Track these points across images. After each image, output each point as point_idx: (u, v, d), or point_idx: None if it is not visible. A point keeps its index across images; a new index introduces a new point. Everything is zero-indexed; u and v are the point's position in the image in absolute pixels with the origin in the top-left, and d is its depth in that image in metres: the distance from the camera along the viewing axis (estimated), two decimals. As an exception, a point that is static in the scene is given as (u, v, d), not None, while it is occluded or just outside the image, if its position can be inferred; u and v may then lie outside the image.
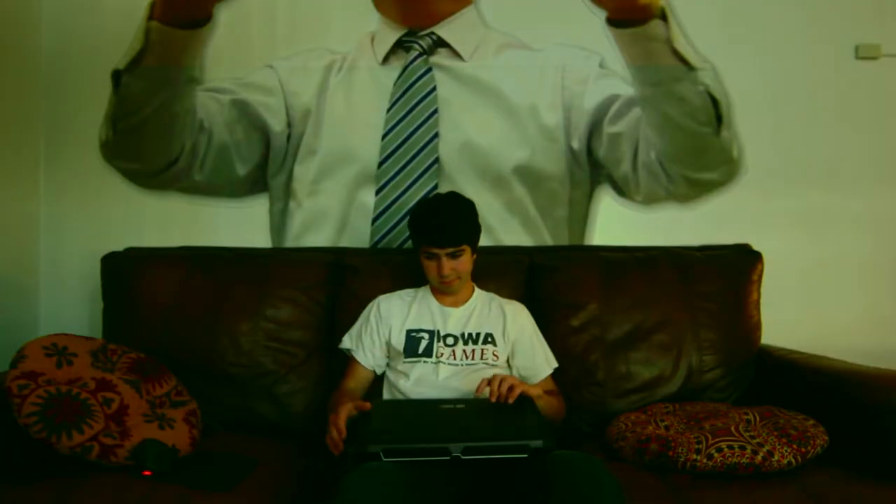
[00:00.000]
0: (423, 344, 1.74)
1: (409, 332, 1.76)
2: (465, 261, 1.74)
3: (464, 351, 1.74)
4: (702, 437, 1.50)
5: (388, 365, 1.79)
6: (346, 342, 1.82)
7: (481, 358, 1.73)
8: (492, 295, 1.86)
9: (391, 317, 1.79)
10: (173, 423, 1.60)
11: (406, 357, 1.73)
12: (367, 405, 1.52)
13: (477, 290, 1.85)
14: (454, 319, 1.78)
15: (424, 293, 1.84)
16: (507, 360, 1.78)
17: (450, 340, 1.75)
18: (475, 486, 1.42)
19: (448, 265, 1.71)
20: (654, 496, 1.41)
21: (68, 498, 1.34)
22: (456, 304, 1.81)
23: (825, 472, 1.47)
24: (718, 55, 2.18)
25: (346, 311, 1.91)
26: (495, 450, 1.38)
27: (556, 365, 1.80)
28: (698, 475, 1.46)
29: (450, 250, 1.70)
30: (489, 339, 1.76)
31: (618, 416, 1.74)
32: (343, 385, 1.76)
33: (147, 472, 1.44)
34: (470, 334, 1.76)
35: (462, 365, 1.72)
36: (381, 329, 1.78)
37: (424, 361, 1.72)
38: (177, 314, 1.89)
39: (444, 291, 1.78)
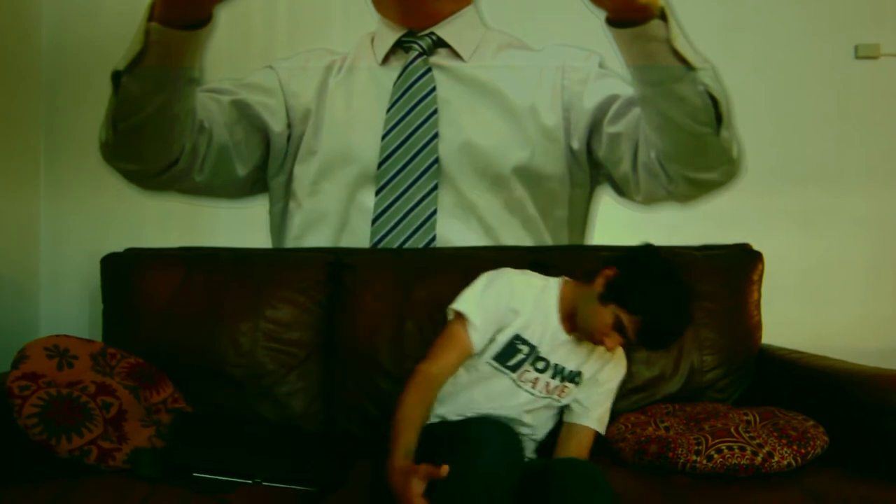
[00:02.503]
0: (518, 358, 1.57)
1: (516, 336, 1.57)
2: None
3: (546, 384, 1.58)
4: (701, 439, 1.50)
5: None
6: (467, 306, 1.55)
7: (557, 395, 1.60)
8: None
9: (516, 306, 1.57)
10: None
11: (493, 360, 1.57)
12: (441, 471, 1.26)
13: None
14: (561, 347, 1.59)
15: (550, 297, 1.61)
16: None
17: (540, 365, 1.58)
18: None
19: (623, 344, 1.51)
20: (653, 499, 1.41)
21: (68, 499, 1.34)
22: (570, 330, 1.60)
23: (825, 472, 1.47)
24: (718, 55, 2.18)
25: (346, 311, 1.91)
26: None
27: (602, 431, 1.64)
28: (697, 477, 1.46)
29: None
30: (575, 379, 1.61)
31: (618, 417, 1.73)
32: (437, 360, 1.53)
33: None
34: (562, 368, 1.59)
35: (537, 396, 1.58)
36: (503, 312, 1.56)
37: (508, 376, 1.57)
38: (177, 315, 1.88)
39: (591, 341, 1.56)
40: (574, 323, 1.57)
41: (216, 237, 2.19)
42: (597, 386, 1.63)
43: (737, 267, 2.00)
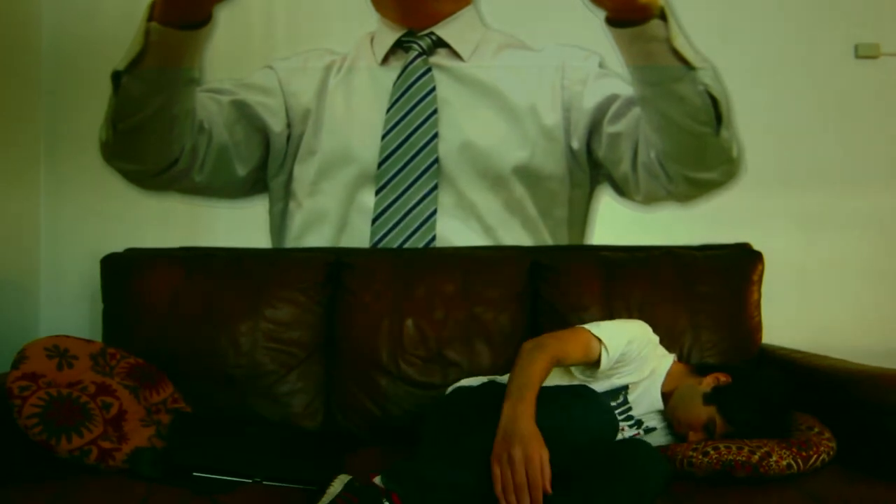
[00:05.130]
0: (614, 403, 1.59)
1: (625, 387, 1.61)
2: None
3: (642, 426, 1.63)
4: None
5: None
6: (599, 331, 1.56)
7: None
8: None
9: (641, 365, 1.61)
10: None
11: (604, 395, 1.56)
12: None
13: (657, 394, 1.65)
14: (648, 415, 1.63)
15: (662, 369, 1.65)
16: None
17: (630, 422, 1.61)
18: None
19: (702, 440, 1.52)
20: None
21: (68, 499, 1.34)
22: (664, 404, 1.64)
23: (825, 472, 1.46)
24: (718, 55, 2.18)
25: (346, 310, 1.91)
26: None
27: None
28: (699, 481, 1.44)
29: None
30: (648, 431, 1.63)
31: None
32: (565, 350, 1.52)
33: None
34: (642, 422, 1.63)
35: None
36: (634, 359, 1.59)
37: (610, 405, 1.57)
38: (177, 315, 1.88)
39: (677, 434, 1.60)
40: (667, 400, 1.61)
41: (216, 237, 2.19)
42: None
43: (737, 267, 2.00)
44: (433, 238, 2.17)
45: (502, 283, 1.94)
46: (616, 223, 2.22)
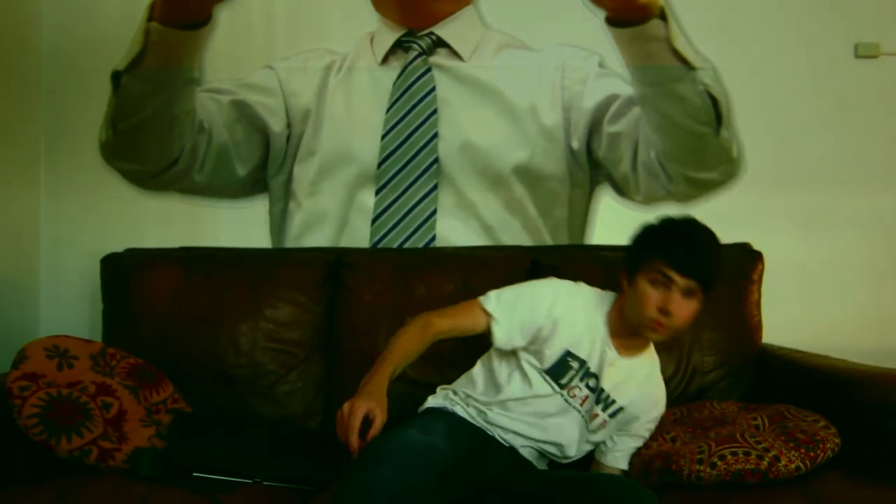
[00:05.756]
0: (569, 375, 1.50)
1: (567, 352, 1.51)
2: (692, 309, 1.47)
3: (591, 409, 1.52)
4: (704, 447, 1.46)
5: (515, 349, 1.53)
6: (493, 304, 1.52)
7: (589, 419, 1.53)
8: (656, 363, 1.62)
9: (564, 320, 1.51)
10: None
11: (547, 372, 1.51)
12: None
13: (651, 351, 1.59)
14: (611, 370, 1.52)
15: (600, 313, 1.55)
16: None
17: (591, 382, 1.52)
18: (512, 471, 1.47)
19: (678, 304, 1.43)
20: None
21: (68, 499, 1.34)
22: (624, 353, 1.54)
23: (828, 474, 1.45)
24: (718, 55, 2.18)
25: (346, 310, 1.91)
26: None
27: (626, 468, 1.57)
28: (701, 489, 1.43)
29: (692, 284, 1.43)
30: (615, 413, 1.54)
31: None
32: (435, 314, 1.52)
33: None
34: (607, 396, 1.52)
35: (582, 416, 1.52)
36: (543, 323, 1.50)
37: (555, 392, 1.51)
38: (177, 315, 1.88)
39: (645, 335, 1.50)
40: (625, 341, 1.53)
41: (216, 237, 2.19)
42: (634, 421, 1.58)
43: (737, 267, 2.00)
44: (433, 238, 2.17)
45: (502, 283, 1.92)
46: (616, 223, 2.21)
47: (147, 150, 2.20)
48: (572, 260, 2.00)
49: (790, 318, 2.08)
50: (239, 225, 2.23)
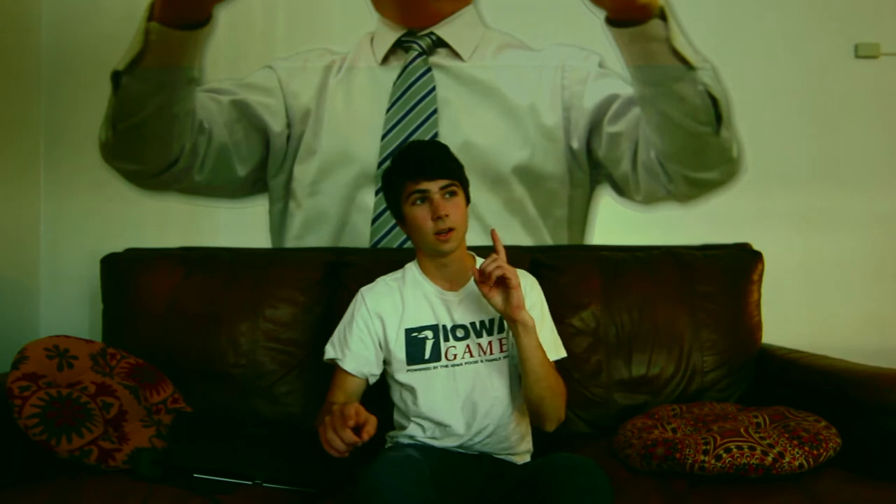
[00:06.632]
0: (429, 345, 1.51)
1: (408, 331, 1.53)
2: (460, 205, 1.50)
3: (479, 345, 1.52)
4: (710, 438, 1.46)
5: (386, 373, 1.57)
6: (330, 352, 1.57)
7: (499, 351, 1.52)
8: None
9: (382, 312, 1.54)
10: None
11: (409, 365, 1.51)
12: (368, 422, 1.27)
13: (478, 261, 1.54)
14: (460, 306, 1.54)
15: (413, 275, 1.58)
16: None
17: (459, 333, 1.53)
18: (489, 481, 1.45)
19: (444, 205, 1.46)
20: (651, 501, 1.40)
21: (68, 499, 1.34)
22: (456, 286, 1.56)
23: (826, 473, 1.46)
24: (718, 54, 2.18)
25: (346, 311, 1.91)
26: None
27: (564, 354, 1.59)
28: (699, 480, 1.44)
29: (443, 183, 1.48)
30: (500, 326, 1.53)
31: (623, 424, 1.69)
32: (329, 400, 1.52)
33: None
34: (482, 322, 1.53)
35: (482, 362, 1.52)
36: (372, 328, 1.54)
37: (434, 367, 1.51)
38: (176, 315, 1.89)
39: (440, 251, 1.50)
40: (447, 276, 1.56)
41: (216, 237, 2.19)
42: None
43: (737, 267, 2.00)
44: (433, 238, 2.17)
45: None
46: (616, 223, 2.22)
47: (147, 149, 2.20)
48: (572, 260, 2.00)
49: (790, 318, 2.08)
50: (239, 225, 2.23)
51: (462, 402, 1.50)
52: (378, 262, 2.00)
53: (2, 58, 2.10)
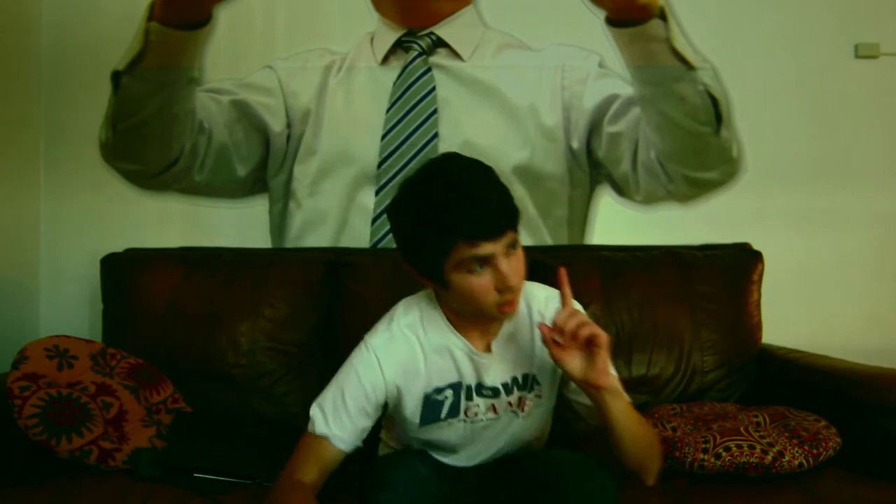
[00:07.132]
0: (447, 405, 1.27)
1: (426, 395, 1.27)
2: (522, 258, 1.20)
3: (508, 402, 1.29)
4: (709, 437, 1.47)
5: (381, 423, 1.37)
6: (320, 423, 1.24)
7: (534, 405, 1.31)
8: (524, 292, 1.27)
9: (400, 378, 1.26)
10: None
11: (422, 425, 1.29)
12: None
13: (533, 298, 1.34)
14: (491, 368, 1.28)
15: (436, 324, 1.28)
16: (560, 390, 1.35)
17: (486, 392, 1.28)
18: (496, 485, 1.38)
19: (509, 267, 1.15)
20: (651, 500, 1.39)
21: (68, 499, 1.34)
22: (488, 338, 1.28)
23: (825, 473, 1.46)
24: (718, 55, 2.18)
25: (346, 310, 1.91)
26: None
27: (614, 374, 1.27)
28: (699, 478, 1.44)
29: (508, 241, 1.15)
30: (532, 383, 1.31)
31: None
32: (296, 476, 1.21)
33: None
34: (515, 379, 1.29)
35: (507, 416, 1.31)
36: (382, 396, 1.26)
37: (449, 423, 1.29)
38: (176, 315, 1.88)
39: (498, 319, 1.24)
40: (477, 328, 1.28)
41: (216, 237, 2.19)
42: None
43: (737, 267, 2.00)
44: (433, 238, 2.17)
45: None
46: (616, 223, 2.22)
47: (147, 149, 2.20)
48: (572, 260, 2.00)
49: (790, 318, 2.08)
50: (239, 225, 2.23)
51: (478, 449, 1.34)
52: (378, 262, 2.01)
53: (2, 58, 2.10)
